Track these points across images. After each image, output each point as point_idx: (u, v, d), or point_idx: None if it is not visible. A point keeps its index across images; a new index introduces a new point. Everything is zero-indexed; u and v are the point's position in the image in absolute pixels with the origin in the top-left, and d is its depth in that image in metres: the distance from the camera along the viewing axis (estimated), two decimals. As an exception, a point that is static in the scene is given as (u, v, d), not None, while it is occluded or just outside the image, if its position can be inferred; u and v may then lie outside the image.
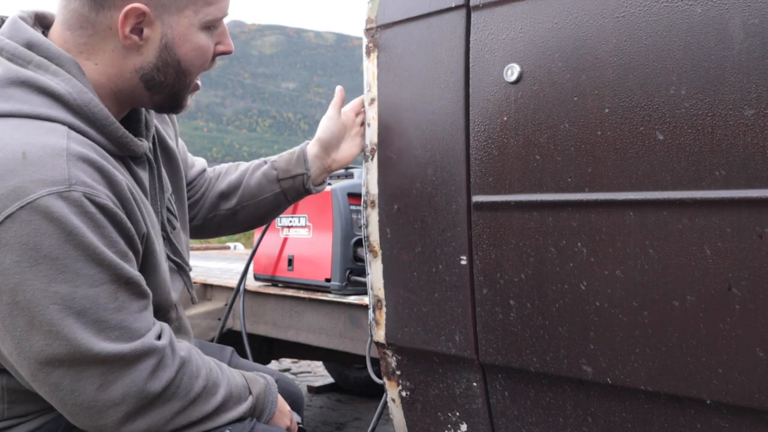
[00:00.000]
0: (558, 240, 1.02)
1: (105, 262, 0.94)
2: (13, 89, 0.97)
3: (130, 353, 0.96)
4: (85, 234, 0.92)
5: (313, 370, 4.25)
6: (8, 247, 0.89)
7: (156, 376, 0.99)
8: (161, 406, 1.00)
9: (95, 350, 0.93)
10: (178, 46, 1.07)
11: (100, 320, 0.94)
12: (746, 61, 0.85)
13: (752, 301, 0.86)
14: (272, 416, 1.19)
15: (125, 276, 0.97)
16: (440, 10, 1.16)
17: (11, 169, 0.90)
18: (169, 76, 1.09)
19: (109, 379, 0.95)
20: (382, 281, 1.28)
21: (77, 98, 1.00)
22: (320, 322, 1.98)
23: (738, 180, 0.86)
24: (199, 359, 1.08)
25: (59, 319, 0.91)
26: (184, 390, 1.03)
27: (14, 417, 1.04)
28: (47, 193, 0.90)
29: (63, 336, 0.91)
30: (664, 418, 0.97)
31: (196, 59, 1.10)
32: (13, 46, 1.01)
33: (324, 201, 2.04)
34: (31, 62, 1.00)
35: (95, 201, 0.94)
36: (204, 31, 1.09)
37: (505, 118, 1.07)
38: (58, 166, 0.92)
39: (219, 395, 1.08)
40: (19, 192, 0.89)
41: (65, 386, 0.94)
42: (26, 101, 0.97)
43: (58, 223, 0.90)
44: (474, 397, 1.19)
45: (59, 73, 1.00)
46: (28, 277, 0.90)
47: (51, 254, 0.90)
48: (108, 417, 0.97)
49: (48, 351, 0.92)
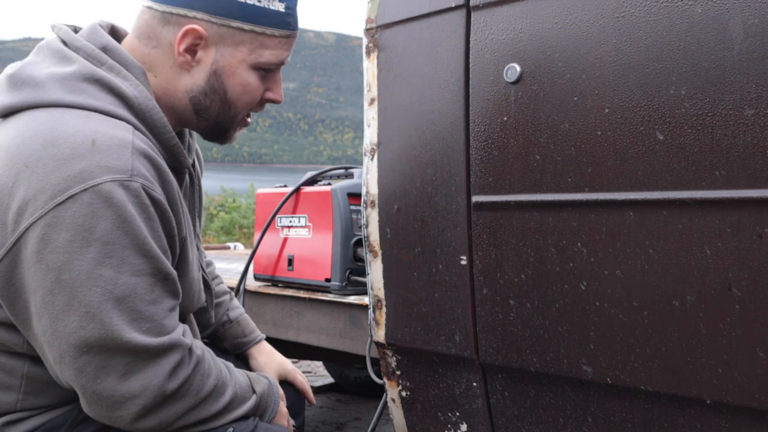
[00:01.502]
0: (558, 240, 1.02)
1: (150, 254, 0.99)
2: (86, 84, 1.03)
3: (157, 347, 0.99)
4: (138, 223, 0.97)
5: (313, 370, 4.25)
6: (64, 226, 0.93)
7: (176, 374, 1.02)
8: (174, 403, 1.02)
9: (126, 338, 0.96)
10: (226, 76, 1.12)
11: (136, 309, 0.97)
12: (746, 61, 0.85)
13: (752, 301, 0.86)
14: (274, 416, 1.21)
15: (164, 271, 1.01)
16: (440, 10, 1.16)
17: (80, 154, 0.95)
18: (215, 104, 1.14)
19: (132, 370, 0.98)
20: (382, 281, 1.28)
21: (142, 103, 1.06)
22: (320, 322, 1.98)
23: (738, 180, 0.86)
24: (211, 359, 1.11)
25: (99, 302, 0.95)
26: (197, 388, 1.05)
27: (25, 409, 1.05)
28: (111, 180, 0.95)
29: (99, 319, 0.95)
30: (664, 418, 0.97)
31: (243, 95, 1.15)
32: (90, 48, 1.07)
33: (324, 201, 2.04)
34: (105, 64, 1.07)
35: (151, 194, 0.99)
36: (255, 71, 1.14)
37: (505, 118, 1.08)
38: (123, 156, 0.98)
39: (227, 395, 1.10)
40: (85, 175, 0.94)
41: (89, 372, 0.97)
42: (97, 97, 1.03)
43: (116, 209, 0.95)
44: (474, 397, 1.19)
45: (129, 78, 1.07)
46: (77, 257, 0.94)
47: (103, 237, 0.94)
48: (124, 409, 0.98)
49: (81, 333, 0.95)
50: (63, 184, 0.94)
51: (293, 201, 2.15)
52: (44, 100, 1.01)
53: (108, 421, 1.00)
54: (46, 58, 1.07)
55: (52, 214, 0.93)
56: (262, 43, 1.12)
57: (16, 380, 1.04)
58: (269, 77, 1.17)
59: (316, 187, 2.13)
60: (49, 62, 1.07)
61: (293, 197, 2.15)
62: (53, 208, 0.93)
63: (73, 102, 1.01)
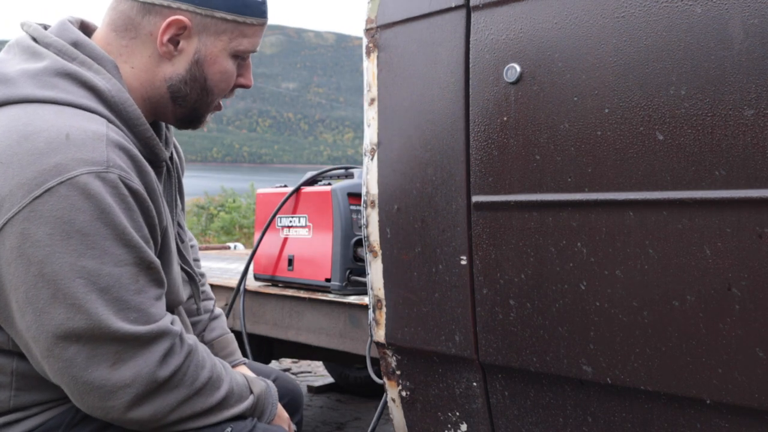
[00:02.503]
0: (558, 240, 1.02)
1: (131, 243, 0.99)
2: (58, 79, 1.04)
3: (146, 334, 0.99)
4: (117, 214, 0.97)
5: (313, 370, 4.25)
6: (43, 220, 0.93)
7: (166, 362, 1.02)
8: (168, 393, 1.02)
9: (113, 328, 0.96)
10: (207, 65, 1.14)
11: (121, 299, 0.97)
12: (746, 61, 0.85)
13: (752, 301, 0.86)
14: (272, 418, 1.20)
15: (147, 260, 1.01)
16: (440, 10, 1.16)
17: (55, 147, 0.95)
18: (194, 92, 1.15)
19: (122, 358, 0.98)
20: (382, 281, 1.28)
21: (115, 96, 1.06)
22: (320, 322, 1.98)
23: (738, 180, 0.86)
24: (205, 352, 1.10)
25: (83, 293, 0.94)
26: (191, 378, 1.05)
27: (19, 408, 1.05)
28: (87, 172, 0.95)
29: (85, 310, 0.95)
30: (664, 418, 0.97)
31: (221, 82, 1.17)
32: (61, 43, 1.08)
33: (324, 201, 2.04)
34: (76, 59, 1.07)
35: (129, 185, 0.99)
36: (233, 58, 1.16)
37: (505, 118, 1.08)
38: (98, 148, 0.98)
39: (222, 389, 1.10)
40: (61, 168, 0.94)
41: (79, 362, 0.96)
42: (70, 91, 1.03)
43: (94, 201, 0.95)
44: (474, 397, 1.19)
45: (101, 71, 1.07)
46: (59, 250, 0.94)
47: (83, 229, 0.94)
48: (117, 399, 0.98)
49: (68, 324, 0.95)
50: (39, 178, 0.93)
51: (293, 201, 2.15)
52: (16, 96, 1.01)
53: (101, 413, 0.99)
54: (17, 56, 1.08)
55: (29, 208, 0.93)
56: (241, 32, 1.14)
57: (6, 377, 1.04)
58: (241, 63, 1.20)
59: (316, 187, 2.13)
60: (20, 59, 1.07)
61: (293, 197, 2.15)
62: (30, 202, 0.93)
63: (45, 97, 1.01)
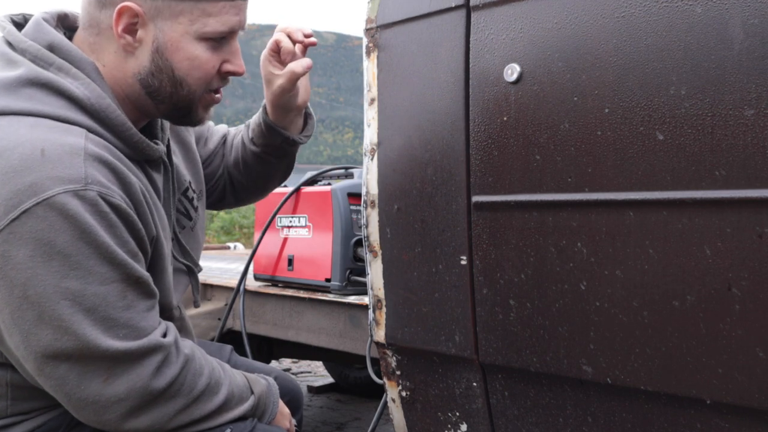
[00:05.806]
0: (558, 240, 1.02)
1: (116, 261, 0.96)
2: (33, 90, 0.99)
3: (137, 350, 0.97)
4: (98, 232, 0.94)
5: (313, 370, 4.25)
6: (22, 242, 0.91)
7: (161, 373, 1.00)
8: (165, 403, 1.01)
9: (103, 347, 0.94)
10: (170, 53, 1.05)
11: (109, 318, 0.95)
12: (746, 61, 0.85)
13: (752, 301, 0.86)
14: (274, 417, 1.20)
15: (135, 275, 0.98)
16: (440, 10, 1.16)
17: (29, 165, 0.92)
18: (165, 84, 1.08)
19: (115, 373, 0.96)
20: (382, 281, 1.28)
21: (95, 103, 1.01)
22: (320, 322, 1.98)
23: (738, 180, 0.86)
24: (203, 358, 1.09)
25: (69, 314, 0.92)
26: (188, 387, 1.04)
27: (17, 414, 1.04)
28: (63, 191, 0.91)
29: (72, 331, 0.93)
30: (664, 418, 0.97)
31: (192, 70, 1.08)
32: (36, 48, 1.02)
33: (324, 201, 2.04)
34: (53, 64, 1.01)
35: (109, 201, 0.95)
36: (202, 42, 1.07)
37: (505, 118, 1.07)
38: (75, 164, 0.94)
39: (221, 394, 1.08)
40: (36, 188, 0.91)
41: (71, 380, 0.95)
42: (46, 102, 0.98)
43: (72, 221, 0.91)
44: (474, 397, 1.19)
45: (79, 76, 1.02)
46: (41, 272, 0.91)
47: (64, 251, 0.91)
48: (112, 412, 0.97)
49: (56, 345, 0.93)
50: (14, 199, 0.90)
51: (293, 201, 2.15)
52: None
53: (98, 425, 0.99)
54: None
55: (8, 230, 0.90)
56: (203, 11, 1.04)
57: (1, 389, 1.03)
58: (224, 48, 1.10)
59: (316, 187, 2.13)
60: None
61: (293, 197, 2.15)
62: (8, 224, 0.90)
63: (20, 109, 0.97)
